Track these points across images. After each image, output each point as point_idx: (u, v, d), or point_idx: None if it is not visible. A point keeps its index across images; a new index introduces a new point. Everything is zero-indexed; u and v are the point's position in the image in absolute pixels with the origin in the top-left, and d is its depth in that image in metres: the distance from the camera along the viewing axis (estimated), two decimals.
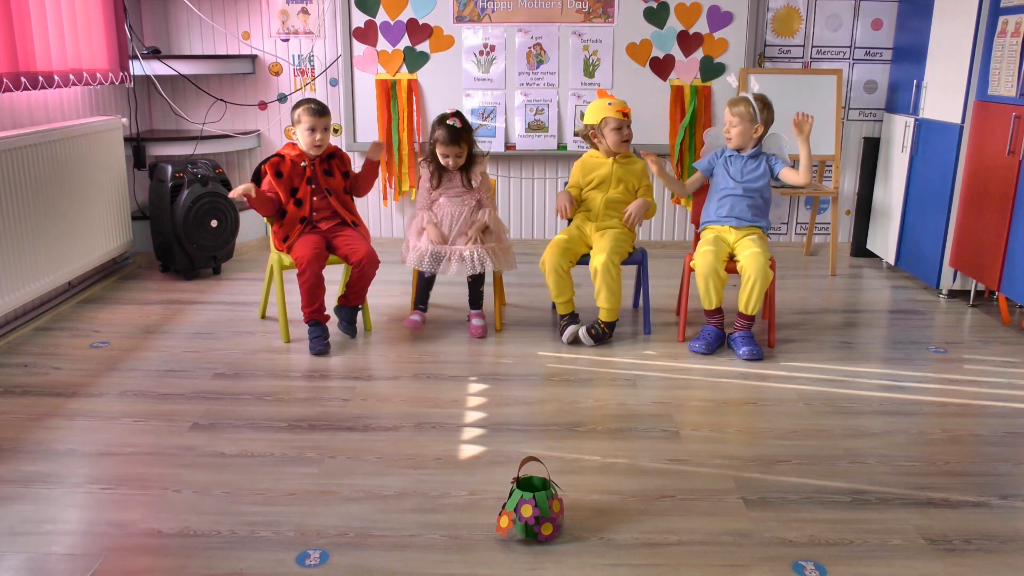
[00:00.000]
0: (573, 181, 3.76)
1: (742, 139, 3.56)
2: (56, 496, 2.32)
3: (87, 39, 4.09)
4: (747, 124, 3.53)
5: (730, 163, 3.63)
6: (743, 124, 3.53)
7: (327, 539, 2.12)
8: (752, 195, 3.58)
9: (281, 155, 3.51)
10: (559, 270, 3.49)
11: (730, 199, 3.59)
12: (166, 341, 3.55)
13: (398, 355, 3.42)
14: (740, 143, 3.57)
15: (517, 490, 2.13)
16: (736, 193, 3.58)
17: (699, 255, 3.50)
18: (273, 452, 2.58)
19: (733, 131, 3.55)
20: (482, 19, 4.92)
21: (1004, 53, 3.77)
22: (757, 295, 3.40)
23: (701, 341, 3.49)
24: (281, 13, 4.99)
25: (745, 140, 3.56)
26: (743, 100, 3.53)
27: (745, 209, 3.58)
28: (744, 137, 3.55)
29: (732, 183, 3.59)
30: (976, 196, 4.00)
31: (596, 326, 3.54)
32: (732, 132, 3.56)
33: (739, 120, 3.53)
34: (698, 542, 2.13)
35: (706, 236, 3.60)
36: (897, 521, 2.23)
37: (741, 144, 3.57)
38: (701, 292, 3.49)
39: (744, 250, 3.46)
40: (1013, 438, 2.74)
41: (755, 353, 3.41)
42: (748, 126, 3.53)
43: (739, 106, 3.53)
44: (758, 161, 3.59)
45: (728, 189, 3.60)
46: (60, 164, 3.78)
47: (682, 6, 4.90)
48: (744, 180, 3.58)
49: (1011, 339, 3.68)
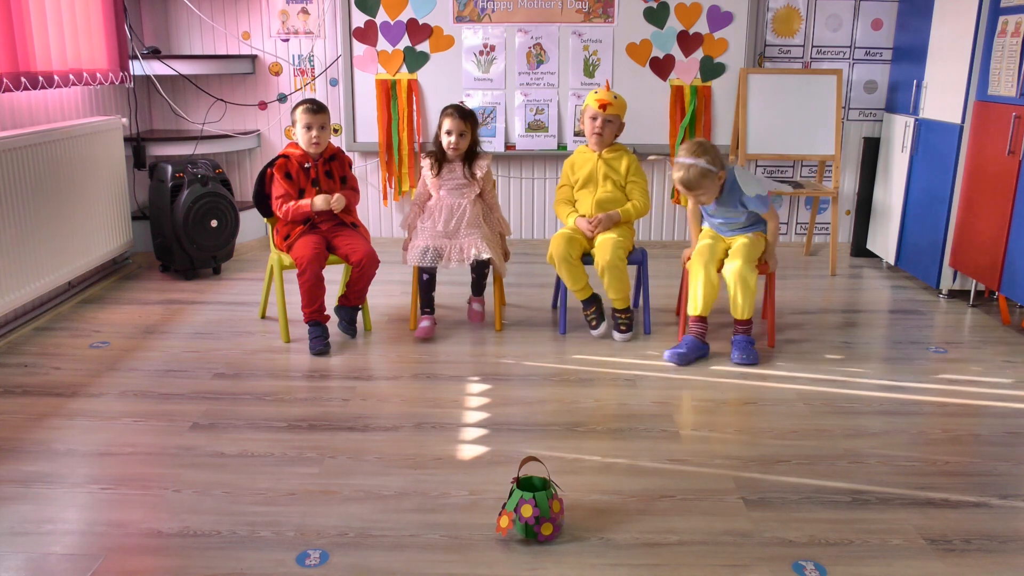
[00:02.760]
0: (563, 180, 3.74)
1: (713, 196, 3.37)
2: (56, 496, 2.32)
3: (87, 39, 4.09)
4: (712, 184, 3.29)
5: None
6: (708, 188, 3.30)
7: (327, 539, 2.12)
8: (737, 222, 3.49)
9: (286, 155, 3.51)
10: (569, 259, 3.49)
11: (718, 226, 3.55)
12: (166, 341, 3.55)
13: (398, 355, 3.42)
14: (713, 199, 3.39)
15: (517, 490, 2.13)
16: (720, 223, 3.53)
17: (695, 256, 3.44)
18: (273, 452, 2.58)
19: (703, 197, 3.36)
20: (482, 19, 4.92)
21: (1004, 53, 3.77)
22: (743, 302, 3.33)
23: (675, 351, 3.36)
24: (281, 13, 4.99)
25: (714, 194, 3.36)
26: (691, 168, 3.23)
27: (737, 229, 3.51)
28: (714, 193, 3.35)
29: (716, 220, 3.53)
30: (976, 196, 4.00)
31: (621, 321, 3.57)
32: (702, 200, 3.39)
33: (704, 188, 3.29)
34: (698, 542, 2.13)
35: (705, 233, 3.56)
36: (897, 521, 2.23)
37: (713, 199, 3.40)
38: (690, 294, 3.42)
39: (728, 262, 3.37)
40: (1013, 438, 2.74)
41: (745, 358, 3.33)
42: (714, 184, 3.30)
43: (690, 173, 3.24)
44: (730, 200, 3.41)
45: (712, 223, 3.56)
46: (60, 164, 3.78)
47: (682, 6, 4.90)
48: (727, 219, 3.49)
49: (1011, 339, 3.68)
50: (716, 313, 3.79)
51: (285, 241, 3.49)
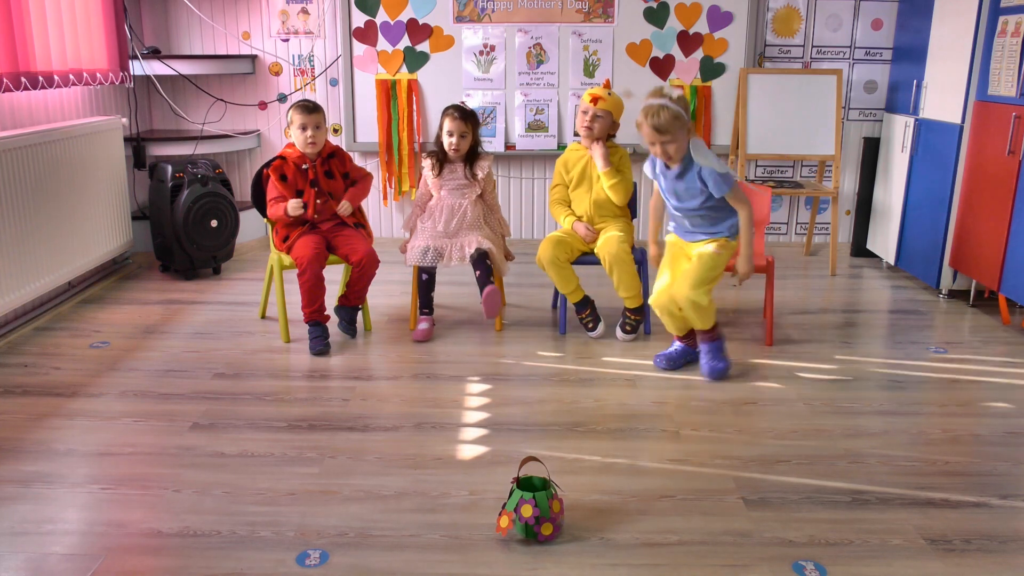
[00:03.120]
0: (557, 179, 3.69)
1: (681, 153, 2.99)
2: (56, 496, 2.32)
3: (87, 39, 4.09)
4: (680, 133, 2.92)
5: (663, 178, 3.15)
6: (676, 136, 2.92)
7: (327, 539, 2.12)
8: (698, 213, 3.14)
9: (283, 157, 3.50)
10: (557, 262, 3.48)
11: (678, 215, 3.21)
12: (166, 341, 3.55)
13: (398, 355, 3.42)
14: (680, 158, 3.01)
15: (517, 490, 2.12)
16: (679, 211, 3.18)
17: (655, 290, 3.21)
18: (273, 452, 2.58)
19: (669, 149, 2.97)
20: (482, 19, 4.92)
21: (1004, 53, 3.77)
22: (699, 320, 3.12)
23: (664, 357, 3.29)
24: (281, 13, 4.99)
25: (683, 151, 2.99)
26: (662, 109, 2.88)
27: (698, 223, 3.18)
28: (682, 149, 2.98)
29: (673, 201, 3.17)
30: (976, 196, 4.00)
31: (628, 321, 3.57)
32: (669, 151, 2.98)
33: (670, 136, 2.91)
34: (698, 542, 2.13)
35: (666, 255, 3.28)
36: (897, 521, 2.23)
37: (680, 158, 3.02)
38: (664, 323, 3.29)
39: (677, 285, 3.12)
40: (1013, 438, 2.74)
41: (715, 370, 3.14)
42: (682, 134, 2.94)
43: (661, 116, 2.88)
44: (689, 175, 3.05)
45: (671, 207, 3.21)
46: (60, 164, 3.78)
47: (682, 6, 4.90)
48: (681, 200, 3.13)
49: (1011, 339, 3.68)
50: None
51: (284, 243, 3.48)
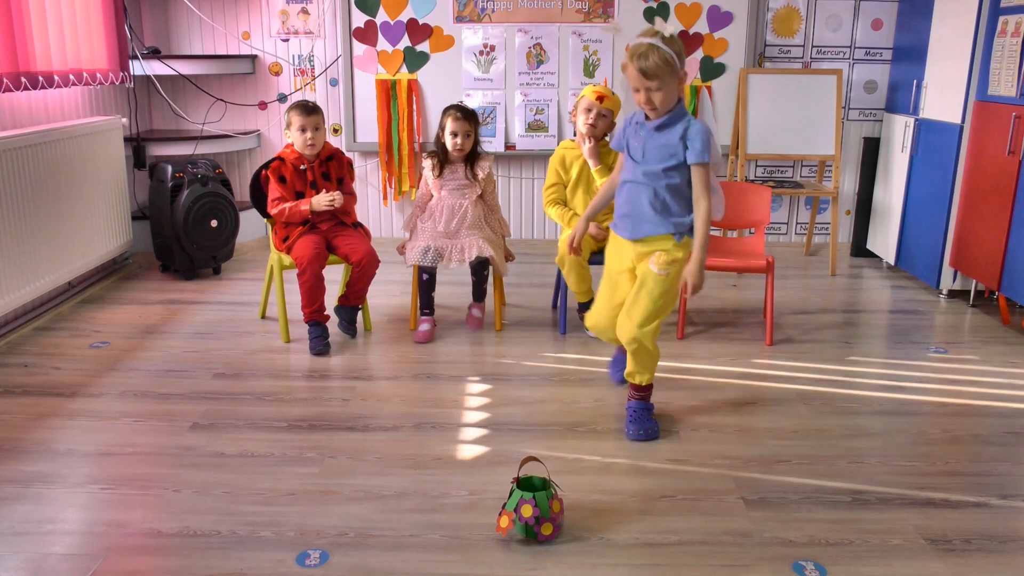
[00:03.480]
0: (553, 179, 3.61)
1: (669, 104, 2.48)
2: (56, 496, 2.32)
3: (87, 39, 4.09)
4: (670, 81, 2.43)
5: (635, 133, 2.59)
6: (665, 83, 2.43)
7: (327, 539, 2.12)
8: (656, 184, 2.54)
9: (281, 158, 3.50)
10: (581, 261, 3.48)
11: (627, 188, 2.62)
12: (166, 341, 3.55)
13: (398, 355, 3.42)
14: (667, 109, 2.50)
15: (517, 490, 2.12)
16: (636, 179, 2.57)
17: (593, 310, 2.83)
18: (273, 452, 2.58)
19: (655, 98, 2.45)
20: (482, 19, 4.92)
21: (1004, 53, 3.77)
22: (638, 368, 2.72)
23: (616, 367, 3.01)
24: (281, 13, 4.99)
25: (672, 103, 2.49)
26: (653, 49, 2.39)
27: (646, 207, 2.56)
28: (671, 100, 2.48)
29: (630, 164, 2.60)
30: (976, 196, 4.00)
31: None
32: (655, 100, 2.46)
33: (658, 82, 2.42)
34: (698, 542, 2.13)
35: (606, 269, 2.79)
36: (897, 521, 2.23)
37: (668, 109, 2.50)
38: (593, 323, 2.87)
39: (621, 318, 2.67)
40: (1013, 438, 2.74)
41: (643, 433, 2.69)
42: (672, 83, 2.45)
43: (651, 59, 2.39)
44: (671, 131, 2.51)
45: (627, 173, 2.62)
46: (60, 164, 3.78)
47: (682, 6, 4.90)
48: (646, 160, 2.54)
49: (1011, 339, 3.68)
50: (715, 313, 3.78)
51: (284, 243, 3.48)
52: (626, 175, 2.61)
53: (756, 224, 3.85)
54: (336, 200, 3.43)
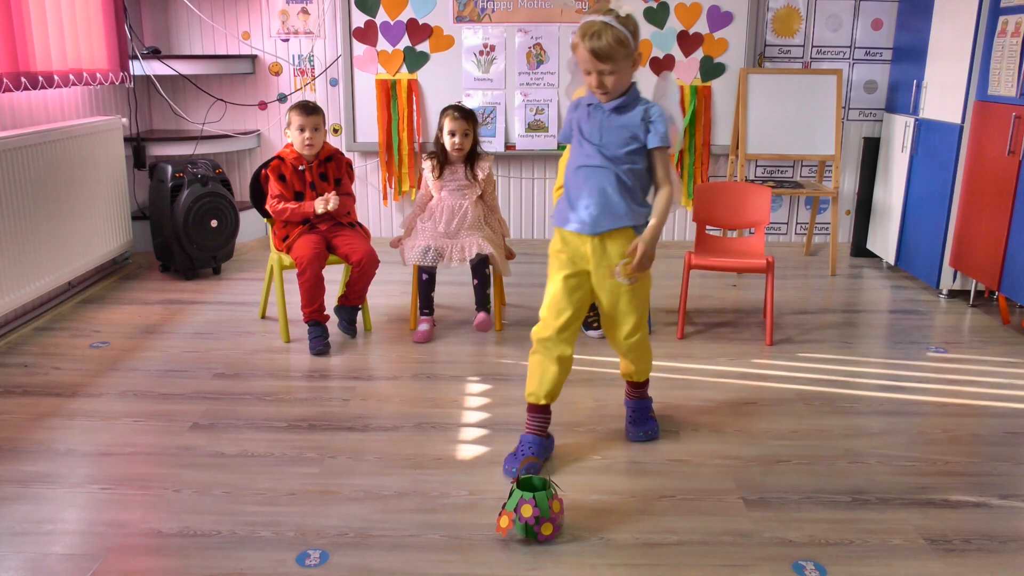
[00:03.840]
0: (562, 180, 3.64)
1: (621, 87, 2.32)
2: (56, 496, 2.32)
3: (87, 39, 4.09)
4: (624, 63, 2.27)
5: (587, 116, 2.39)
6: (618, 66, 2.26)
7: (327, 539, 2.12)
8: (619, 168, 2.36)
9: (281, 157, 3.50)
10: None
11: (583, 174, 2.39)
12: (166, 341, 3.55)
13: (398, 355, 3.42)
14: (619, 93, 2.34)
15: (517, 490, 2.12)
16: (594, 164, 2.37)
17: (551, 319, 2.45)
18: (273, 452, 2.58)
19: (607, 81, 2.28)
20: (482, 19, 4.92)
21: (1004, 53, 3.77)
22: (638, 368, 2.63)
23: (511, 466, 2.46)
24: (281, 13, 4.99)
25: (624, 86, 2.33)
26: (606, 28, 2.22)
27: (609, 193, 2.36)
28: (623, 83, 2.32)
29: (587, 149, 2.38)
30: (976, 196, 4.00)
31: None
32: (607, 83, 2.29)
33: (611, 64, 2.25)
34: (698, 542, 2.13)
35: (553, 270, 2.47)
36: (897, 521, 2.23)
37: (620, 92, 2.34)
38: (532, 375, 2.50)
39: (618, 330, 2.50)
40: (1013, 438, 2.74)
41: (644, 434, 2.66)
42: (626, 65, 2.28)
43: (604, 39, 2.22)
44: (630, 113, 2.35)
45: (582, 158, 2.40)
46: (60, 164, 3.78)
47: (682, 6, 4.90)
48: (604, 143, 2.36)
49: (1011, 339, 3.68)
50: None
51: (284, 242, 3.48)
52: (580, 160, 2.39)
53: (756, 224, 3.85)
54: (331, 202, 3.43)
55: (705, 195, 3.92)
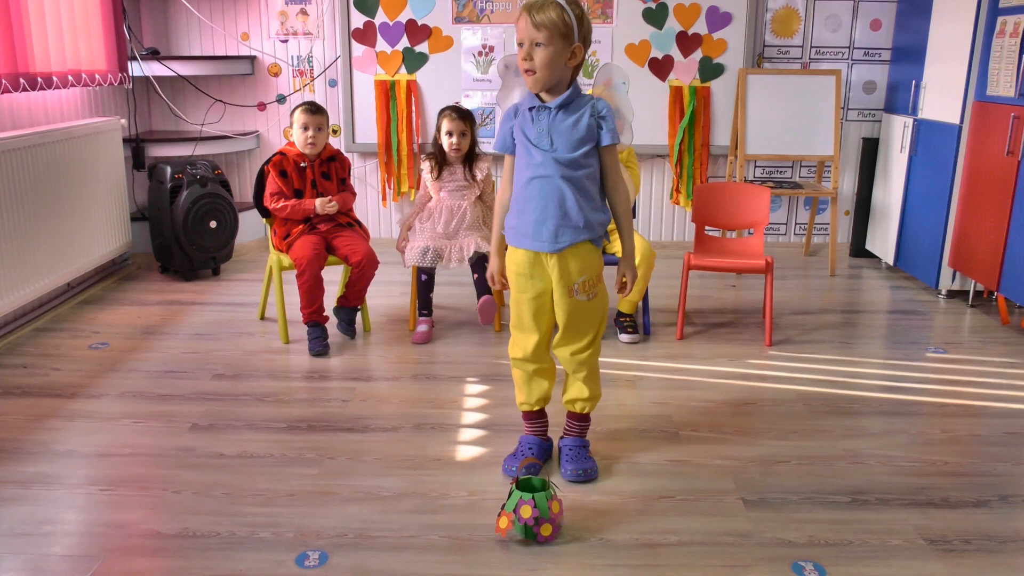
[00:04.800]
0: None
1: (551, 72, 2.15)
2: (55, 497, 2.32)
3: (86, 40, 4.09)
4: (559, 45, 2.11)
5: (531, 120, 2.24)
6: (553, 44, 2.11)
7: (326, 540, 2.12)
8: (575, 174, 2.21)
9: (283, 153, 3.51)
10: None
11: (536, 186, 2.23)
12: (165, 342, 3.55)
13: (397, 356, 3.42)
14: (548, 79, 2.16)
15: (516, 491, 2.12)
16: (547, 174, 2.21)
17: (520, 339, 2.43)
18: (272, 453, 2.58)
19: (536, 56, 2.12)
20: (481, 20, 4.92)
21: (1003, 53, 3.77)
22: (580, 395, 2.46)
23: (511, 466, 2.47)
24: (280, 14, 4.99)
25: (555, 74, 2.16)
26: (552, 3, 2.10)
27: (568, 204, 2.22)
28: (554, 68, 2.14)
29: (538, 156, 2.21)
30: (975, 196, 4.00)
31: (627, 324, 3.59)
32: (535, 57, 2.12)
33: (546, 36, 2.10)
34: (697, 543, 2.13)
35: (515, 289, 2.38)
36: (897, 521, 2.23)
37: (550, 82, 2.17)
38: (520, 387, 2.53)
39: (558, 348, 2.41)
40: (1012, 438, 2.74)
41: (582, 473, 2.42)
42: (561, 47, 2.12)
43: (547, 12, 2.10)
44: (578, 112, 2.21)
45: (532, 169, 2.23)
46: (59, 165, 3.78)
47: (681, 7, 4.90)
48: (556, 148, 2.20)
49: (1010, 339, 3.68)
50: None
51: (284, 240, 3.49)
52: (530, 171, 2.23)
53: (755, 224, 3.85)
54: (331, 207, 3.47)
55: (704, 195, 3.92)
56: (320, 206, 3.45)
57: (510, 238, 2.33)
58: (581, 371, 2.43)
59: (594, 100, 2.24)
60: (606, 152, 2.26)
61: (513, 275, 2.36)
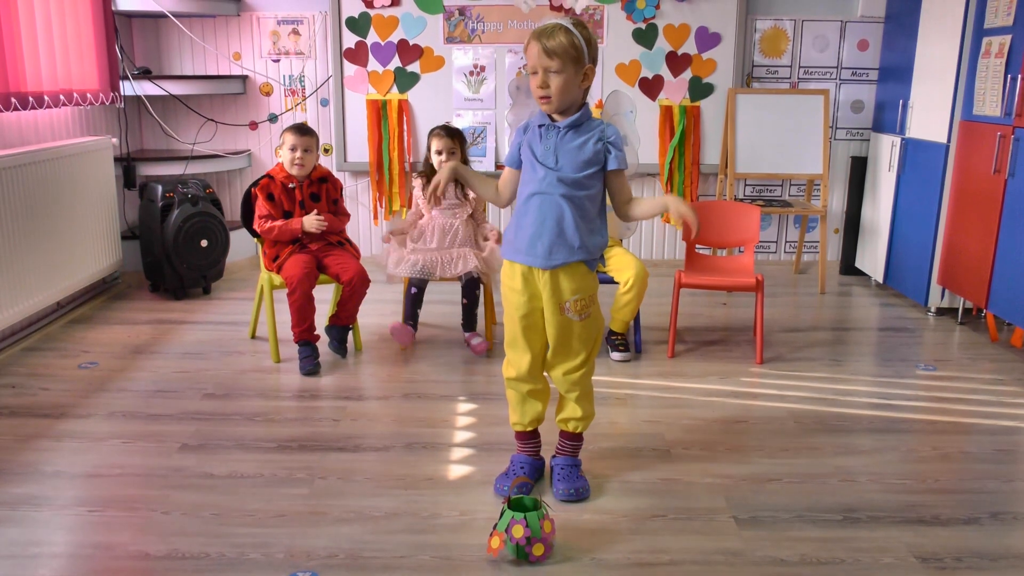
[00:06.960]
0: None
1: (566, 96, 2.20)
2: (43, 518, 2.30)
3: (78, 59, 4.09)
4: (571, 69, 2.17)
5: (539, 138, 2.28)
6: (566, 70, 2.16)
7: (317, 560, 2.11)
8: (576, 194, 2.25)
9: (271, 176, 3.51)
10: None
11: (536, 203, 2.27)
12: (155, 361, 3.53)
13: (388, 375, 3.42)
14: (563, 103, 2.22)
15: (508, 510, 2.12)
16: (549, 191, 2.25)
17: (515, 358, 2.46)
18: (263, 473, 2.57)
19: (552, 83, 2.17)
20: (472, 40, 4.95)
21: (988, 73, 3.82)
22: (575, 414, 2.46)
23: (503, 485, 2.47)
24: (272, 34, 5.01)
25: (570, 97, 2.21)
26: (560, 29, 2.15)
27: (566, 223, 2.25)
28: (569, 92, 2.20)
29: (541, 173, 2.26)
30: (963, 214, 4.03)
31: (619, 343, 3.60)
32: (551, 84, 2.17)
33: (559, 64, 2.15)
34: (689, 561, 2.13)
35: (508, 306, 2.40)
36: (888, 539, 2.24)
37: (564, 104, 2.23)
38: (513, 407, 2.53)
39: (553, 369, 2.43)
40: (1003, 455, 2.75)
41: (574, 493, 2.42)
42: (573, 72, 2.17)
43: (557, 38, 2.14)
44: (586, 135, 2.25)
45: (535, 185, 2.27)
46: (50, 184, 3.77)
47: (671, 27, 4.94)
48: (560, 166, 2.24)
49: (999, 356, 3.70)
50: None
51: (274, 262, 3.48)
52: (532, 187, 2.27)
53: (745, 243, 3.87)
54: (318, 224, 3.45)
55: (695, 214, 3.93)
56: (308, 223, 3.45)
57: (506, 252, 2.37)
58: (574, 391, 2.43)
59: (604, 125, 2.29)
60: (614, 176, 2.31)
61: (507, 290, 2.38)
